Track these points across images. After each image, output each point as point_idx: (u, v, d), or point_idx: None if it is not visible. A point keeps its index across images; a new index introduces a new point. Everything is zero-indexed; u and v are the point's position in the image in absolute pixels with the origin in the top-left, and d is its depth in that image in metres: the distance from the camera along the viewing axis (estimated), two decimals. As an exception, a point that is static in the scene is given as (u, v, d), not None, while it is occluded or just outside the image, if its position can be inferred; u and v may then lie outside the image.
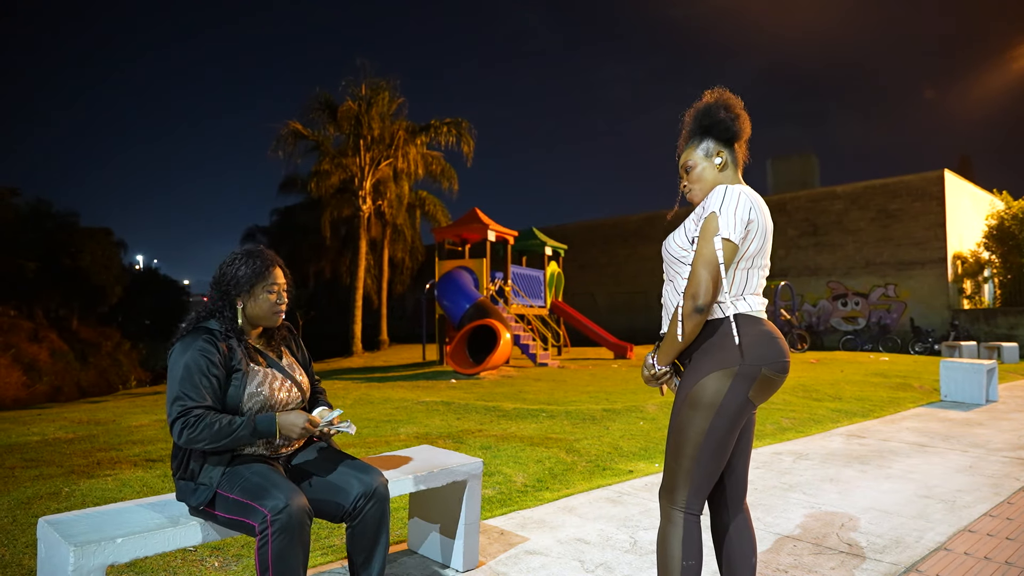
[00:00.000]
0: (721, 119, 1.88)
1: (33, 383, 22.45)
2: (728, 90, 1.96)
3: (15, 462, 4.46)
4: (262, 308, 2.07)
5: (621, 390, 8.26)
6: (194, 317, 2.06)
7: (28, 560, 2.69)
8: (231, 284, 2.04)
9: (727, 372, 1.73)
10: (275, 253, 2.16)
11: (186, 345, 1.95)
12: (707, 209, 1.76)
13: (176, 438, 1.86)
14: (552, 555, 2.83)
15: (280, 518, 1.75)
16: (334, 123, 20.14)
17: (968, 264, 19.60)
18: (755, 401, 1.78)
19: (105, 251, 31.64)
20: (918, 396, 8.48)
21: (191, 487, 1.94)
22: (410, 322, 30.39)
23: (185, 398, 1.87)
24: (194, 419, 1.85)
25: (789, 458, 4.81)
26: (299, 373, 2.18)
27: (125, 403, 8.56)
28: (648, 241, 25.14)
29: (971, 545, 2.96)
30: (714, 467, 1.78)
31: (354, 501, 1.95)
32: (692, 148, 1.93)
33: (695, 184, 1.91)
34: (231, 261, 2.07)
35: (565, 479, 4.13)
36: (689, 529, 1.78)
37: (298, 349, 2.27)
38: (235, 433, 1.87)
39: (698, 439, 1.75)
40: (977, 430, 6.04)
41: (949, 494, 3.85)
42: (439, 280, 12.96)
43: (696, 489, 1.78)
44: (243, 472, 1.90)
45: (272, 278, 2.08)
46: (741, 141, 1.92)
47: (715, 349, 1.76)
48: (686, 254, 1.82)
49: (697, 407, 1.76)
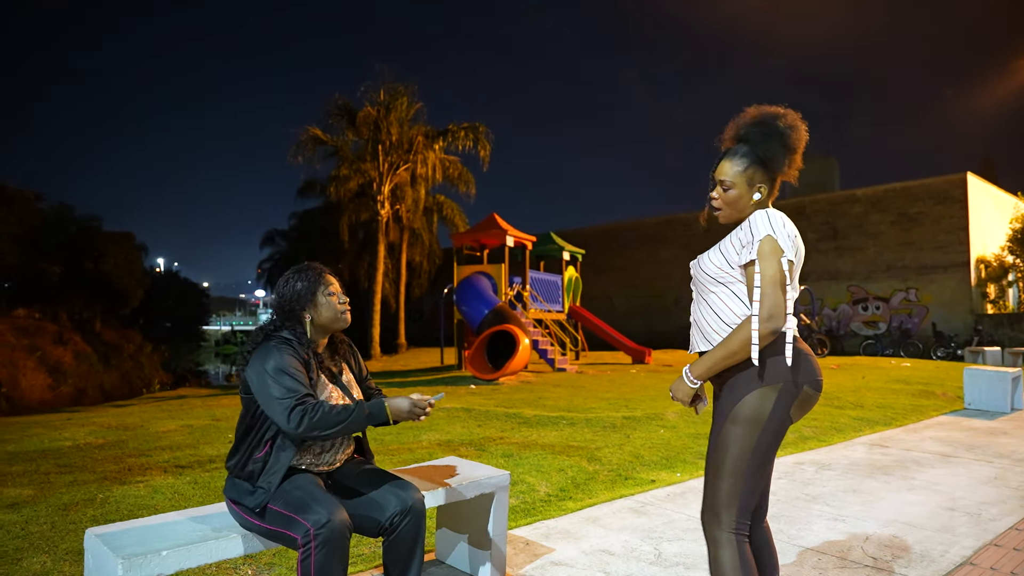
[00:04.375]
0: (777, 157, 1.85)
1: (58, 385, 22.85)
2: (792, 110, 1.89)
3: (49, 467, 4.58)
4: (329, 312, 2.14)
5: (640, 397, 8.28)
6: (265, 330, 2.12)
7: (69, 567, 2.77)
8: (294, 300, 2.12)
9: (772, 388, 1.75)
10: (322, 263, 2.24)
11: (267, 351, 2.01)
12: (759, 232, 1.76)
13: (295, 427, 1.90)
14: (578, 566, 2.87)
15: (323, 532, 1.81)
16: (353, 128, 20.35)
17: (992, 268, 19.34)
18: (794, 418, 1.80)
19: (127, 255, 32.15)
20: (941, 404, 8.40)
21: (248, 488, 2.00)
22: (427, 325, 30.51)
23: (294, 390, 1.94)
24: (311, 407, 1.92)
25: (811, 468, 4.80)
26: (355, 390, 2.26)
27: (151, 408, 8.71)
28: (665, 244, 25.08)
29: (997, 560, 2.96)
30: (758, 485, 1.79)
31: (391, 517, 2.01)
32: (738, 168, 1.87)
33: (727, 206, 1.89)
34: (285, 282, 2.16)
35: (588, 488, 4.16)
36: (742, 551, 1.77)
37: (356, 364, 2.34)
38: (351, 417, 1.95)
39: (743, 456, 1.76)
40: (1002, 440, 5.99)
41: (974, 506, 3.83)
42: (458, 285, 13.04)
43: (742, 508, 1.78)
44: (287, 486, 1.97)
45: (328, 283, 2.17)
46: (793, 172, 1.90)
47: (759, 366, 1.77)
48: (724, 274, 1.83)
49: (741, 423, 1.77)
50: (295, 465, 2.08)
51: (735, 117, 1.95)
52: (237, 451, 2.06)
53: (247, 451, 2.03)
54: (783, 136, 1.84)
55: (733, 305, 1.83)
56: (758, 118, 1.89)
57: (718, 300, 1.85)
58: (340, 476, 2.17)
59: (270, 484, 1.96)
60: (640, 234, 26.13)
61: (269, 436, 2.01)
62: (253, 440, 2.03)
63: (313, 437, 1.95)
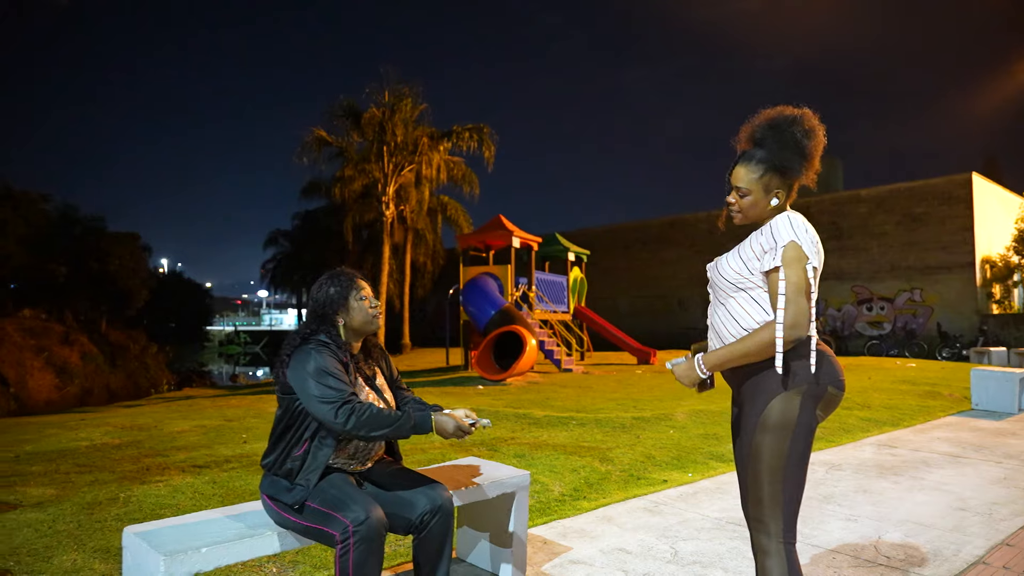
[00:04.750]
0: (794, 166, 1.83)
1: (65, 385, 22.95)
2: (808, 111, 1.86)
3: (69, 467, 4.64)
4: (361, 315, 2.20)
5: (648, 397, 8.33)
6: (301, 334, 2.16)
7: (99, 564, 2.83)
8: (327, 305, 2.18)
9: (796, 392, 1.74)
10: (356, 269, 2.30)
11: (305, 353, 2.07)
12: (782, 239, 1.74)
13: (343, 424, 1.97)
14: (596, 565, 2.93)
15: (361, 529, 1.87)
16: (358, 130, 20.42)
17: (997, 268, 19.35)
18: (821, 418, 1.79)
19: (132, 255, 32.24)
20: (948, 404, 8.44)
21: (286, 485, 2.06)
22: (431, 326, 30.60)
23: (340, 390, 2.00)
24: (359, 405, 1.99)
25: (822, 469, 4.85)
26: (387, 393, 2.32)
27: (161, 408, 8.78)
28: (670, 245, 25.12)
29: (1010, 559, 3.00)
30: (799, 489, 1.77)
31: (421, 515, 2.07)
32: (755, 175, 1.84)
33: (744, 211, 1.87)
34: (318, 287, 2.22)
35: (601, 488, 4.21)
36: (791, 559, 1.76)
37: (387, 367, 2.40)
38: (397, 423, 2.02)
39: (778, 462, 1.75)
40: (1010, 440, 6.03)
41: (984, 507, 3.88)
42: (464, 286, 13.10)
43: (787, 515, 1.76)
44: (323, 485, 2.03)
45: (360, 287, 2.23)
46: (811, 176, 1.89)
47: (781, 370, 1.75)
48: (744, 280, 1.81)
49: (771, 431, 1.76)
50: (330, 464, 2.13)
51: (750, 118, 1.91)
52: (274, 449, 2.12)
53: (285, 449, 2.09)
54: (798, 144, 1.81)
55: (752, 310, 1.81)
56: (773, 121, 1.85)
57: (737, 305, 1.83)
58: (372, 476, 2.23)
59: (308, 482, 2.02)
60: (644, 235, 26.18)
61: (308, 435, 2.06)
62: (292, 439, 2.08)
63: (360, 436, 2.00)
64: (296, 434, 2.08)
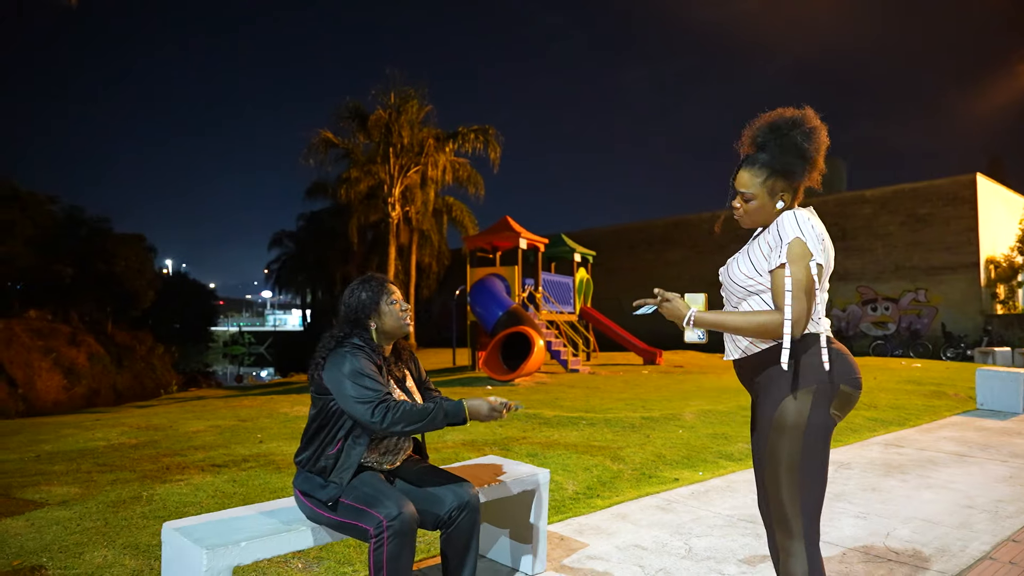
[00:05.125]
0: (796, 170, 1.81)
1: (72, 386, 23.10)
2: (812, 111, 1.85)
3: (90, 467, 4.73)
4: (393, 320, 2.28)
5: (656, 397, 8.40)
6: (335, 337, 2.23)
7: (130, 560, 2.91)
8: (359, 310, 2.26)
9: (807, 391, 1.73)
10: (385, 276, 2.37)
11: (340, 356, 2.14)
12: (787, 236, 1.73)
13: (379, 422, 2.05)
14: (613, 560, 3.00)
15: (394, 524, 1.95)
16: (364, 131, 20.52)
17: (1002, 269, 19.38)
18: (837, 417, 1.78)
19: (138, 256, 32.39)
20: (953, 404, 8.49)
21: (320, 482, 2.14)
22: (436, 326, 30.68)
23: (375, 390, 2.08)
24: (393, 403, 2.07)
25: (832, 468, 4.90)
26: (416, 394, 2.40)
27: (174, 408, 8.88)
28: (674, 245, 25.18)
29: (1015, 555, 3.07)
30: (818, 488, 1.77)
31: (449, 511, 2.15)
32: (758, 179, 1.83)
33: (750, 215, 1.87)
34: (350, 293, 2.30)
35: (614, 487, 4.29)
36: (813, 559, 1.75)
37: (417, 370, 2.48)
38: (429, 416, 2.10)
39: (795, 462, 1.74)
40: (1016, 440, 6.09)
41: (991, 504, 3.94)
42: (472, 287, 13.18)
43: (809, 515, 1.76)
44: (356, 483, 2.11)
45: (390, 292, 2.30)
46: (815, 176, 1.87)
47: (788, 370, 1.76)
48: (755, 283, 1.81)
49: (785, 431, 1.75)
50: (362, 463, 2.21)
51: (752, 121, 1.90)
52: (308, 447, 2.20)
53: (319, 448, 2.17)
54: (799, 148, 1.80)
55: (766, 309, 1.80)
56: (774, 124, 1.84)
57: (747, 308, 1.84)
58: (401, 473, 2.31)
59: (342, 479, 2.10)
60: (649, 235, 26.25)
61: (342, 434, 2.14)
62: (326, 438, 2.17)
63: (396, 433, 2.09)
64: (330, 433, 2.16)
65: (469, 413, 2.17)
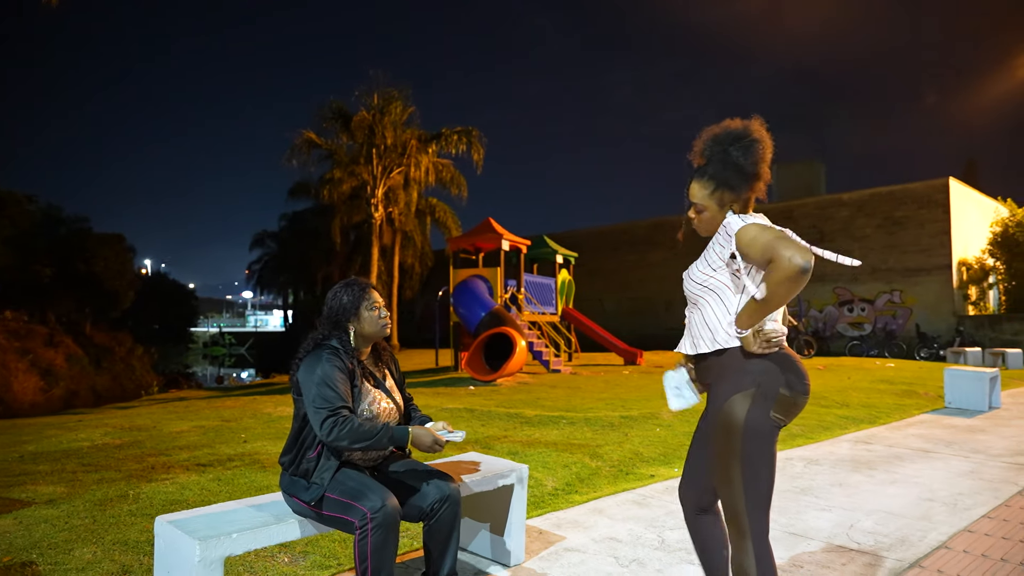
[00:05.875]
0: (738, 184, 1.89)
1: (50, 388, 22.82)
2: (759, 122, 1.91)
3: (75, 467, 4.77)
4: (371, 325, 2.38)
5: (635, 397, 8.55)
6: (314, 339, 2.35)
7: (120, 555, 2.99)
8: (340, 313, 2.36)
9: (747, 394, 1.82)
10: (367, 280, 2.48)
11: (315, 358, 2.25)
12: (734, 229, 1.82)
13: (325, 435, 2.14)
14: (589, 552, 3.13)
15: (378, 516, 2.06)
16: (347, 132, 20.55)
17: (973, 271, 19.85)
18: (780, 420, 1.84)
19: (118, 256, 32.07)
20: (923, 403, 8.75)
21: (303, 484, 2.24)
22: (419, 327, 30.71)
23: (330, 400, 2.17)
24: (342, 419, 2.16)
25: (800, 464, 5.09)
26: (396, 393, 2.50)
27: (157, 409, 8.88)
28: (656, 247, 25.44)
29: (970, 544, 3.25)
30: (764, 486, 1.84)
31: (431, 504, 2.26)
32: (706, 191, 1.92)
33: (704, 225, 1.96)
34: (333, 295, 2.40)
35: (592, 483, 4.42)
36: (761, 555, 1.84)
37: (397, 370, 2.58)
38: (375, 437, 2.18)
39: (739, 461, 1.82)
40: (979, 436, 6.31)
41: (951, 497, 4.13)
42: (454, 288, 13.28)
43: (756, 510, 1.84)
44: (340, 477, 2.21)
45: (371, 298, 2.40)
46: (760, 187, 1.93)
47: (730, 373, 1.86)
48: (712, 280, 1.90)
49: (727, 432, 1.84)
50: (347, 459, 2.31)
51: (700, 132, 1.97)
52: (291, 449, 2.30)
53: (301, 450, 2.27)
54: (737, 164, 1.87)
55: (720, 313, 1.89)
56: (717, 137, 1.91)
57: (708, 308, 1.92)
58: (385, 468, 2.42)
59: (323, 480, 2.20)
60: (632, 237, 26.49)
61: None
62: (306, 440, 2.27)
63: (340, 447, 2.18)
64: (310, 435, 2.27)
65: (412, 440, 2.26)
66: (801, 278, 1.67)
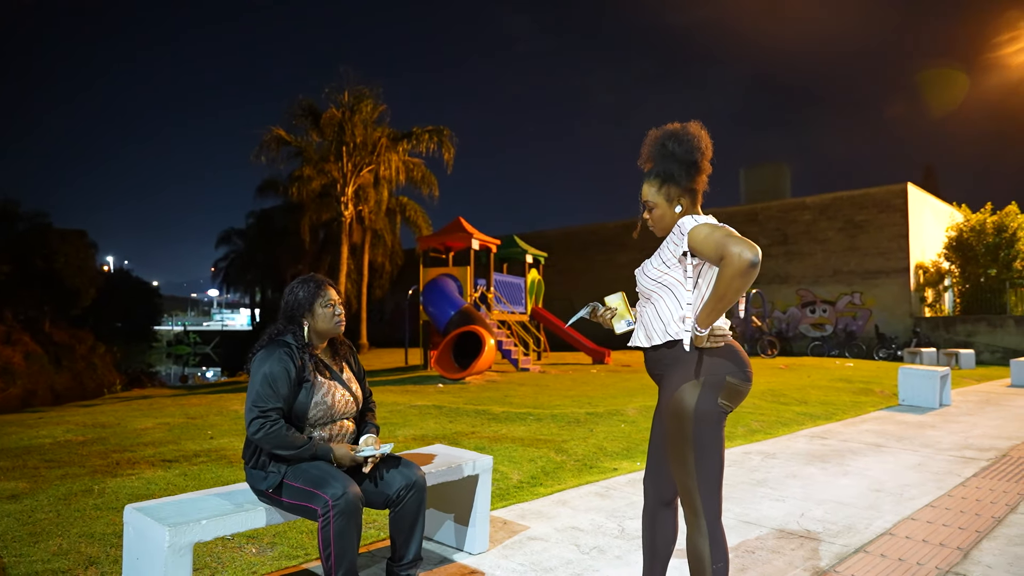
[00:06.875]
0: (679, 175, 2.04)
1: (7, 387, 22.25)
2: (698, 123, 2.06)
3: (37, 463, 4.72)
4: (324, 322, 2.43)
5: (602, 395, 8.70)
6: (270, 333, 2.41)
7: (86, 547, 3.00)
8: (294, 308, 2.42)
9: (696, 383, 1.95)
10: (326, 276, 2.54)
11: (268, 354, 2.31)
12: (686, 228, 1.95)
13: (251, 433, 2.23)
14: (551, 540, 3.23)
15: (339, 503, 2.12)
16: (317, 129, 20.42)
17: (929, 274, 20.50)
18: (726, 406, 1.97)
19: (79, 253, 31.39)
20: (878, 400, 9.05)
21: (261, 475, 2.31)
22: (389, 326, 30.59)
23: (265, 400, 2.24)
24: (271, 422, 2.22)
25: (758, 457, 5.26)
26: (355, 386, 2.55)
27: (121, 407, 8.76)
28: (625, 248, 25.71)
29: (912, 530, 3.42)
30: (714, 468, 1.96)
31: (397, 491, 2.33)
32: (654, 189, 2.08)
33: (657, 223, 2.11)
34: (290, 290, 2.46)
35: (556, 476, 4.53)
36: (714, 534, 1.96)
37: (356, 364, 2.63)
38: (299, 448, 2.24)
39: (689, 446, 1.95)
40: (929, 432, 6.58)
41: (898, 488, 4.32)
42: (424, 287, 13.31)
43: (708, 491, 1.95)
44: (304, 465, 2.27)
45: (327, 295, 2.45)
46: (702, 179, 2.08)
47: (681, 364, 1.98)
48: (667, 277, 2.03)
49: (678, 418, 1.96)
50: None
51: (644, 139, 2.13)
52: (249, 444, 2.36)
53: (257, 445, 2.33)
54: (674, 154, 2.04)
55: (672, 307, 2.01)
56: (658, 139, 2.08)
57: (661, 302, 2.04)
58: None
59: (279, 469, 2.27)
60: (601, 237, 26.74)
61: None
62: None
63: (263, 448, 2.25)
64: None
65: (335, 458, 2.31)
66: (751, 272, 1.80)
